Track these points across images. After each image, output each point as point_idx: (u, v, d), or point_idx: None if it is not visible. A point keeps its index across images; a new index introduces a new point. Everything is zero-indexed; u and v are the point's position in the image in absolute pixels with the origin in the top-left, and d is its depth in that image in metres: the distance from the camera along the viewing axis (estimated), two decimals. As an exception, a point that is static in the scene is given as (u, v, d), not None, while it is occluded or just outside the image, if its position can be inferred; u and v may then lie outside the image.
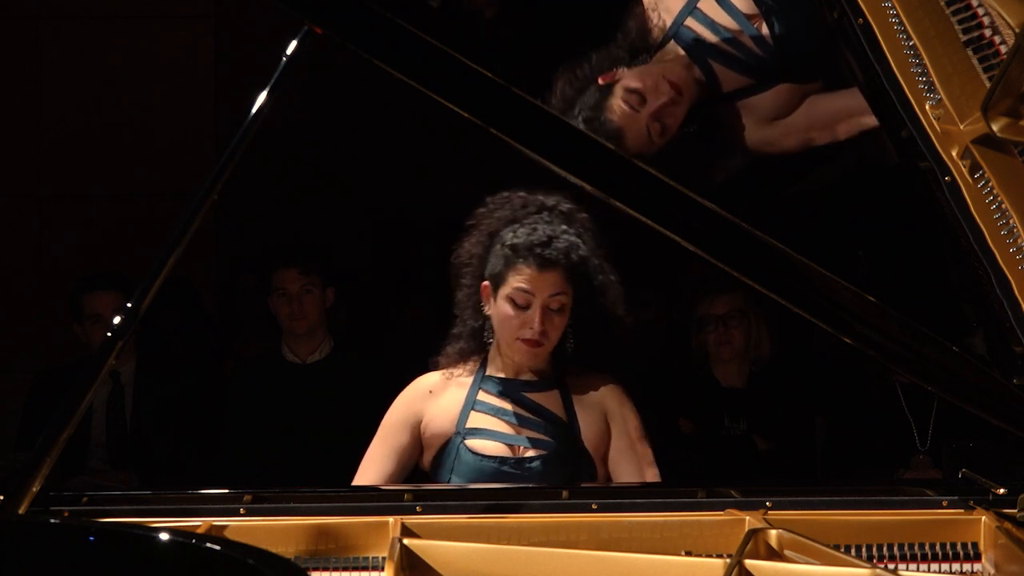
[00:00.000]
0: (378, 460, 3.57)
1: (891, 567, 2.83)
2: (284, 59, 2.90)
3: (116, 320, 2.88)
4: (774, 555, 2.77)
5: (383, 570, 2.75)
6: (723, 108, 3.58)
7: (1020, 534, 2.81)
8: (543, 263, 3.49)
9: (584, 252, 3.53)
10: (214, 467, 5.31)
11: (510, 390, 3.58)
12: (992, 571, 2.87)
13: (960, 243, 2.84)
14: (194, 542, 2.36)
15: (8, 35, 7.04)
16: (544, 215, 3.55)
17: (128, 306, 2.86)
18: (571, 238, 3.53)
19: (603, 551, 2.81)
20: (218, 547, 2.35)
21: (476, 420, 3.56)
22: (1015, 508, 2.86)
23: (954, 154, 2.84)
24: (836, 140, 3.52)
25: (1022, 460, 2.95)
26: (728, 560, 2.67)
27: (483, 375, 3.60)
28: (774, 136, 3.55)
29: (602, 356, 3.63)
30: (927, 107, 2.88)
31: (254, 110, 2.88)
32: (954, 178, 2.83)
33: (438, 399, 3.59)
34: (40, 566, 2.34)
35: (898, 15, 2.93)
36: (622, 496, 3.10)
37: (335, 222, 6.93)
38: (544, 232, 3.51)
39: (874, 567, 2.64)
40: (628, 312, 3.59)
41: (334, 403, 5.13)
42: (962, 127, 2.84)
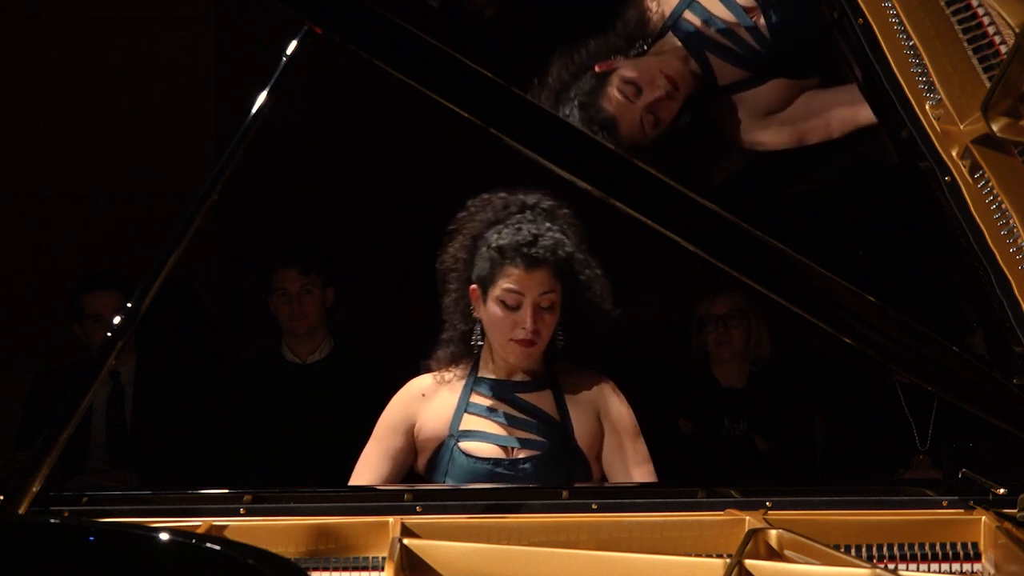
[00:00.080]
0: (373, 463, 3.57)
1: (891, 567, 2.83)
2: (284, 59, 2.90)
3: (116, 320, 2.88)
4: (774, 555, 2.77)
5: (383, 570, 2.75)
6: (718, 101, 3.58)
7: (1020, 534, 2.81)
8: (530, 262, 3.48)
9: (569, 248, 3.53)
10: (214, 467, 5.31)
11: (502, 391, 3.57)
12: (992, 571, 2.87)
13: (960, 243, 2.84)
14: (194, 542, 2.36)
15: (8, 35, 7.04)
16: (527, 214, 3.54)
17: (128, 306, 2.86)
18: (556, 235, 3.52)
19: (603, 551, 2.80)
20: (218, 547, 2.35)
21: (469, 422, 3.55)
22: (1015, 508, 2.86)
23: (954, 154, 2.84)
24: (830, 137, 3.52)
25: (1022, 460, 2.95)
26: (728, 560, 2.67)
27: (475, 377, 3.59)
28: (768, 130, 3.54)
29: (593, 352, 3.63)
30: (927, 107, 2.88)
31: (254, 110, 2.88)
32: (954, 178, 2.83)
33: (431, 402, 3.59)
34: (40, 566, 2.34)
35: (898, 15, 2.93)
36: (622, 496, 3.10)
37: (335, 222, 6.92)
38: (529, 231, 3.50)
39: (874, 567, 2.64)
40: (615, 306, 3.58)
41: (334, 403, 5.13)
42: (962, 127, 2.84)
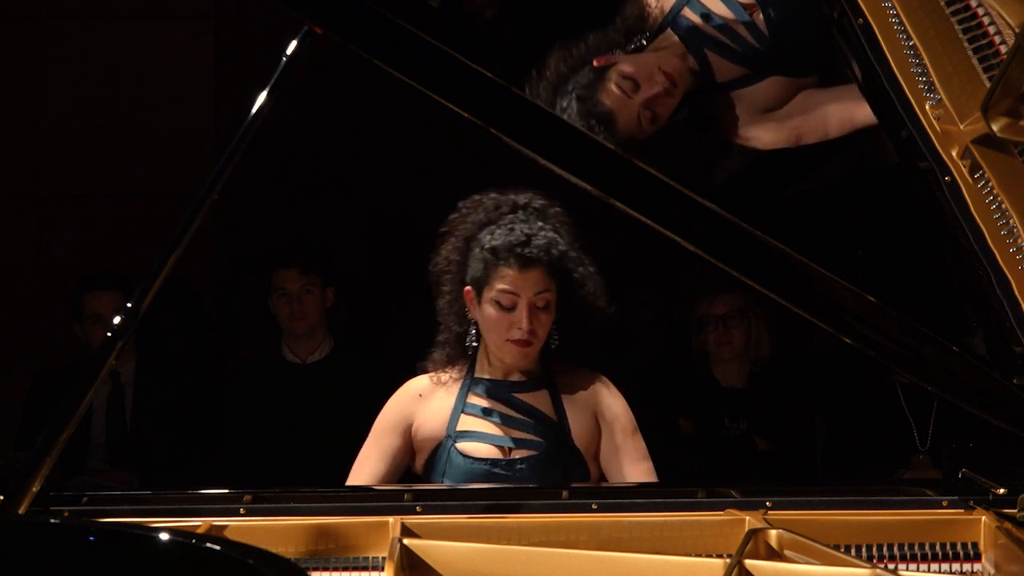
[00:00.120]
0: (370, 463, 3.56)
1: (891, 567, 2.83)
2: (284, 59, 2.89)
3: (116, 320, 2.88)
4: (774, 555, 2.76)
5: (383, 570, 2.75)
6: (715, 98, 3.57)
7: (1020, 534, 2.80)
8: (524, 262, 3.48)
9: (563, 246, 3.53)
10: (214, 467, 5.31)
11: (499, 392, 3.57)
12: (992, 571, 2.87)
13: (960, 243, 2.84)
14: (194, 542, 2.36)
15: (8, 35, 7.04)
16: (519, 214, 3.54)
17: (128, 306, 2.85)
18: (549, 234, 3.51)
19: (603, 551, 2.80)
20: (218, 547, 2.34)
21: (466, 423, 3.55)
22: (1015, 508, 2.86)
23: (954, 154, 2.84)
24: (827, 137, 3.52)
25: (1022, 460, 2.95)
26: (728, 560, 2.67)
27: (472, 378, 3.58)
28: (765, 128, 3.54)
29: (589, 350, 3.62)
30: (927, 107, 2.88)
31: (254, 110, 2.88)
32: (954, 178, 2.83)
33: (428, 403, 3.58)
34: (40, 566, 2.34)
35: (898, 15, 2.93)
36: (622, 496, 3.10)
37: (335, 222, 6.92)
38: (521, 231, 3.49)
39: (874, 567, 2.64)
40: (610, 303, 3.58)
41: (334, 403, 5.13)
42: (962, 127, 2.84)
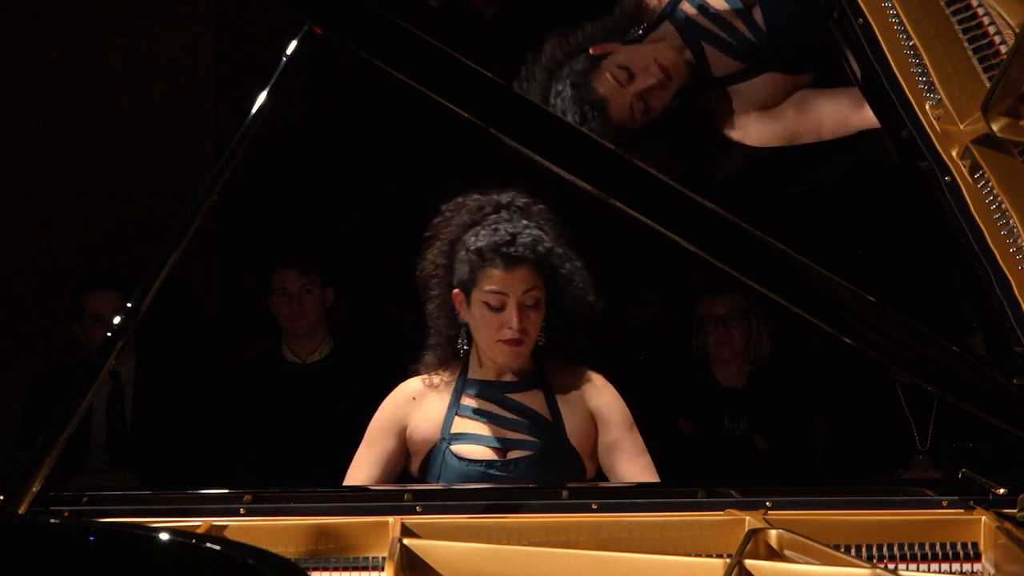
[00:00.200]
0: (365, 465, 3.56)
1: (891, 567, 2.83)
2: (284, 59, 2.89)
3: (116, 320, 2.88)
4: (774, 555, 2.76)
5: (383, 570, 2.75)
6: (710, 92, 3.57)
7: (1020, 534, 2.80)
8: (510, 261, 3.48)
9: (548, 243, 3.53)
10: (214, 467, 5.31)
11: (493, 393, 3.56)
12: (992, 571, 2.87)
13: (960, 243, 2.84)
14: (194, 542, 2.36)
15: (8, 35, 7.04)
16: (502, 214, 3.54)
17: (128, 306, 2.85)
18: (533, 231, 3.52)
19: (603, 551, 2.80)
20: (218, 547, 2.34)
21: (460, 425, 3.55)
22: (1015, 508, 2.86)
23: (954, 154, 2.84)
24: (821, 139, 3.51)
25: (1022, 460, 2.95)
26: (728, 560, 2.67)
27: (465, 380, 3.58)
28: (759, 125, 3.53)
29: (581, 347, 3.62)
30: (927, 107, 2.87)
31: (254, 110, 2.88)
32: (954, 178, 2.83)
33: (422, 405, 3.58)
34: (40, 566, 2.34)
35: (898, 15, 2.93)
36: (622, 496, 3.10)
37: (335, 222, 6.92)
38: (506, 230, 3.50)
39: (874, 567, 2.63)
40: (598, 298, 3.58)
41: (334, 403, 5.12)
42: (962, 127, 2.83)
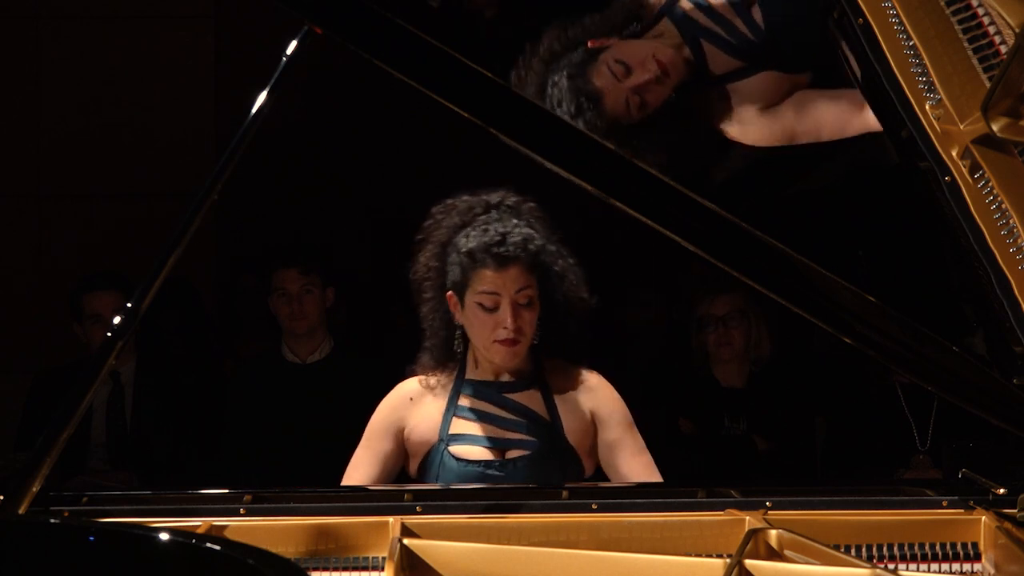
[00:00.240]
0: (363, 466, 3.56)
1: (891, 567, 2.83)
2: (284, 59, 2.89)
3: (116, 320, 2.88)
4: (774, 555, 2.76)
5: (383, 570, 2.75)
6: (708, 89, 3.56)
7: (1020, 534, 2.80)
8: (502, 261, 3.48)
9: (539, 241, 3.53)
10: (214, 467, 5.31)
11: (490, 393, 3.56)
12: (992, 571, 2.87)
13: (960, 243, 2.84)
14: (194, 542, 2.36)
15: (8, 35, 7.04)
16: (492, 214, 3.54)
17: (128, 306, 2.85)
18: (524, 230, 3.51)
19: (603, 551, 2.80)
20: (218, 547, 2.34)
21: (458, 426, 3.54)
22: (1015, 508, 2.86)
23: (954, 154, 2.84)
24: (819, 140, 3.51)
25: (1022, 460, 2.95)
26: (728, 560, 2.67)
27: (462, 380, 3.58)
28: (756, 123, 3.53)
29: (576, 344, 3.62)
30: (927, 107, 2.87)
31: (254, 110, 2.88)
32: (954, 178, 2.83)
33: (419, 407, 3.58)
34: (40, 566, 2.34)
35: (898, 15, 2.93)
36: (622, 496, 3.10)
37: (335, 222, 6.92)
38: (496, 230, 3.50)
39: (874, 567, 2.64)
40: (592, 295, 3.58)
41: (334, 403, 5.12)
42: (962, 127, 2.83)
